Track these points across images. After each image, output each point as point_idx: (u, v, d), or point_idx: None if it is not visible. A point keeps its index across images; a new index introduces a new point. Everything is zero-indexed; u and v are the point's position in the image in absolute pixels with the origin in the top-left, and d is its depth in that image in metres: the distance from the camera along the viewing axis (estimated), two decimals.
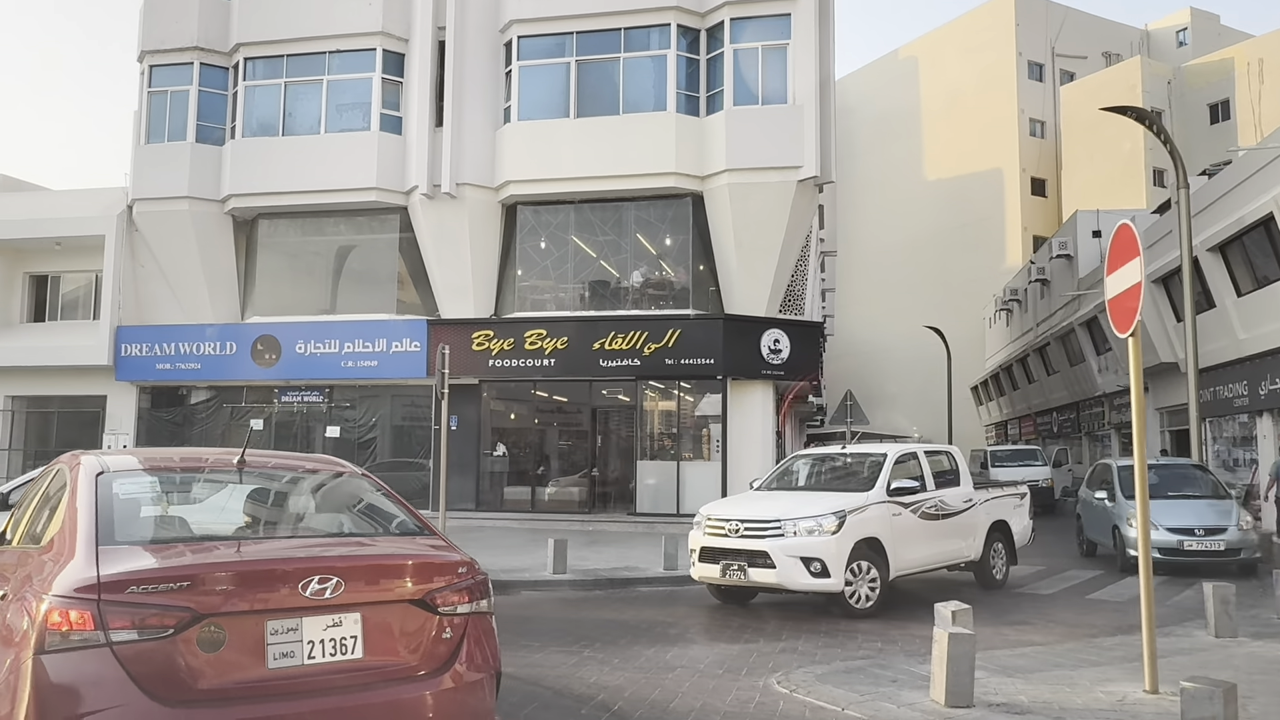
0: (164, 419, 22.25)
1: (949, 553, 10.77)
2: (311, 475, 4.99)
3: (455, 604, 3.95)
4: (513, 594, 11.17)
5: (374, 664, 3.73)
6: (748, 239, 18.72)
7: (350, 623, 3.70)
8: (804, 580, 9.14)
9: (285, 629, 3.57)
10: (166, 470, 4.77)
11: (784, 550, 9.19)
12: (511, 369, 19.49)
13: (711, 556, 9.83)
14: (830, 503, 9.64)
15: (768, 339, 18.89)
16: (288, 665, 3.55)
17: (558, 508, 19.76)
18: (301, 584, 3.60)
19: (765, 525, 9.45)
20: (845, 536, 9.24)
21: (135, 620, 3.32)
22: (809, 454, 12.15)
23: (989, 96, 49.81)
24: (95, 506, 3.86)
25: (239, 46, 21.20)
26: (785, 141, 18.38)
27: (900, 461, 10.57)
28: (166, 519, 4.32)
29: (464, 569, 4.06)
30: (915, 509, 10.17)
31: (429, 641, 3.86)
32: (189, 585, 3.43)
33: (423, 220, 19.96)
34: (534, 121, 19.64)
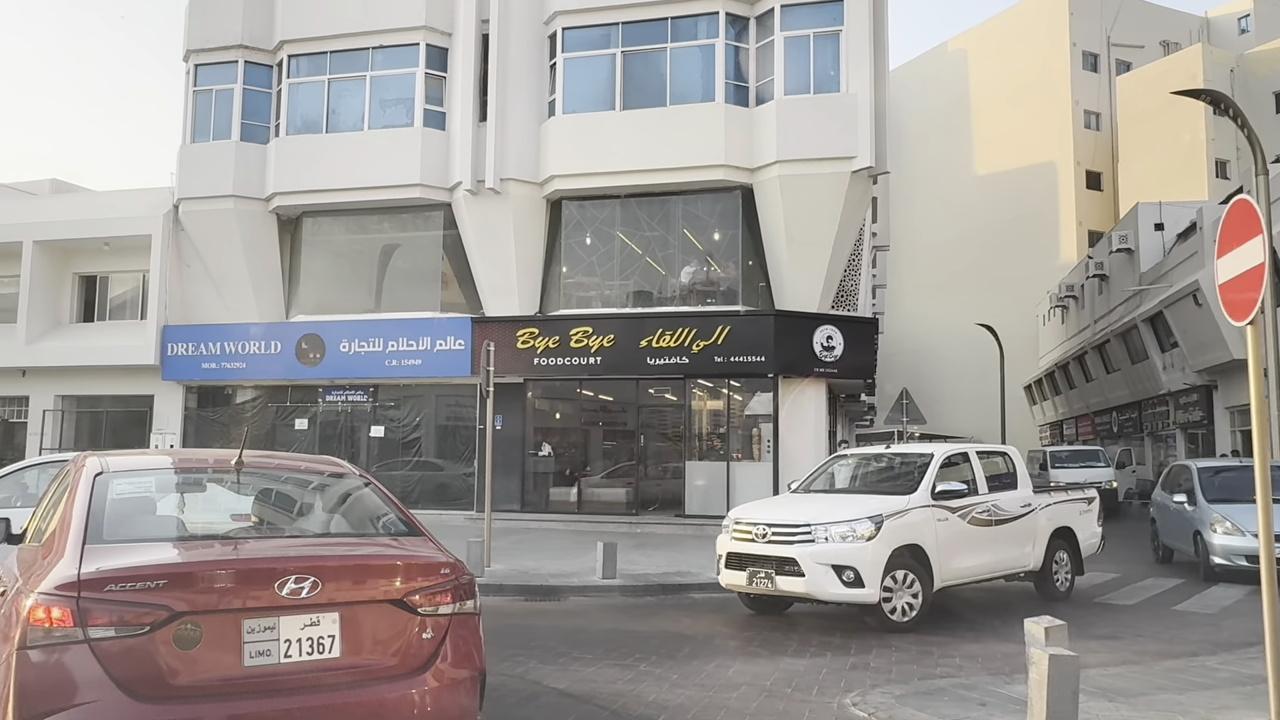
0: (210, 418, 22.20)
1: (1004, 562, 9.92)
2: (307, 476, 5.12)
3: (437, 605, 3.97)
4: (561, 600, 10.75)
5: (352, 663, 3.77)
6: (799, 232, 18.13)
7: (328, 622, 3.74)
8: (835, 590, 8.46)
9: (262, 628, 3.62)
10: (165, 471, 4.87)
11: (814, 557, 8.51)
12: (557, 367, 19.09)
13: (738, 563, 9.18)
14: (866, 506, 8.93)
15: (820, 335, 18.28)
16: (264, 664, 3.60)
17: (604, 509, 19.32)
18: (278, 584, 3.65)
19: (794, 530, 8.76)
20: (882, 543, 8.53)
21: (113, 617, 3.40)
22: (850, 454, 11.44)
23: (1042, 88, 48.55)
24: (89, 506, 3.97)
25: (283, 44, 21.06)
26: (838, 131, 17.75)
27: (948, 463, 9.81)
28: (157, 519, 4.38)
29: (447, 570, 4.08)
30: (964, 514, 9.40)
31: (409, 642, 3.88)
32: (166, 584, 3.49)
33: (466, 216, 19.64)
34: (579, 114, 19.23)
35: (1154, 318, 27.48)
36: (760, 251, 18.92)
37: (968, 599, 10.60)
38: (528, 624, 9.07)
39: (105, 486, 4.17)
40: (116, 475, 4.33)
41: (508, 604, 10.47)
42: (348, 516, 4.80)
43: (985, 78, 52.56)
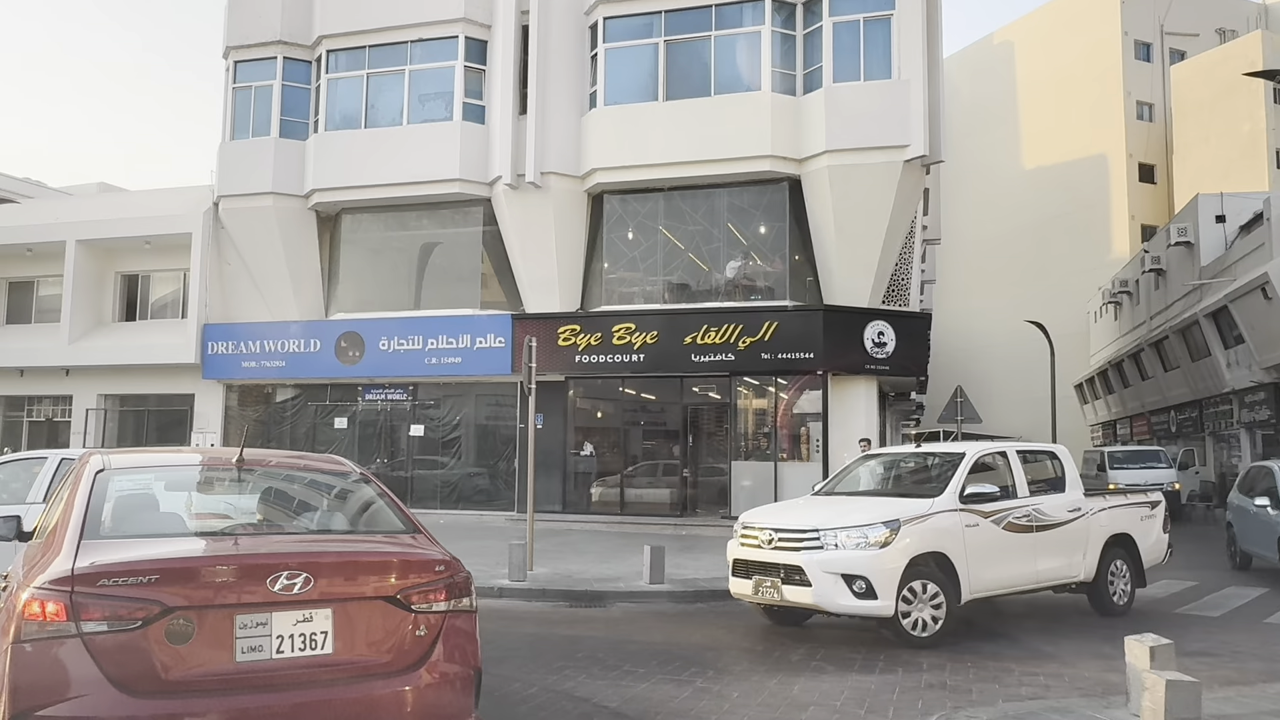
0: (250, 417, 22.07)
1: (1048, 572, 8.99)
2: (307, 474, 5.15)
3: (431, 602, 3.96)
4: (608, 606, 10.27)
5: (344, 659, 3.77)
6: (849, 225, 17.52)
7: (321, 618, 3.74)
8: (845, 601, 7.76)
9: (254, 623, 3.62)
10: (165, 468, 4.91)
11: (821, 565, 7.83)
12: (599, 365, 18.64)
13: (745, 570, 8.57)
14: (882, 510, 8.19)
15: (871, 331, 17.65)
16: (256, 659, 3.61)
17: (647, 510, 18.84)
18: (270, 579, 3.65)
19: (801, 536, 8.08)
20: (898, 550, 7.81)
21: (106, 612, 3.41)
22: (879, 454, 10.65)
23: (1092, 79, 47.23)
24: (87, 502, 4.01)
25: (321, 39, 20.85)
26: (890, 119, 17.12)
27: (982, 464, 9.01)
28: (156, 515, 4.38)
29: (442, 567, 4.04)
30: (999, 519, 8.55)
31: (403, 639, 3.87)
32: (159, 579, 3.50)
33: (506, 211, 19.26)
34: (621, 106, 18.76)
35: (1217, 313, 26.38)
36: (808, 245, 18.33)
37: (1018, 611, 9.95)
38: (573, 633, 8.61)
39: (105, 483, 4.22)
40: (117, 472, 4.38)
41: (552, 610, 10.02)
42: (346, 514, 4.82)
43: (1033, 70, 51.30)
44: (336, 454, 20.20)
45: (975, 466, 8.86)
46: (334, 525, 4.73)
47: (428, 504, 20.34)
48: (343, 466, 5.18)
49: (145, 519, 4.31)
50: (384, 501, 4.72)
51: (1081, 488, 9.76)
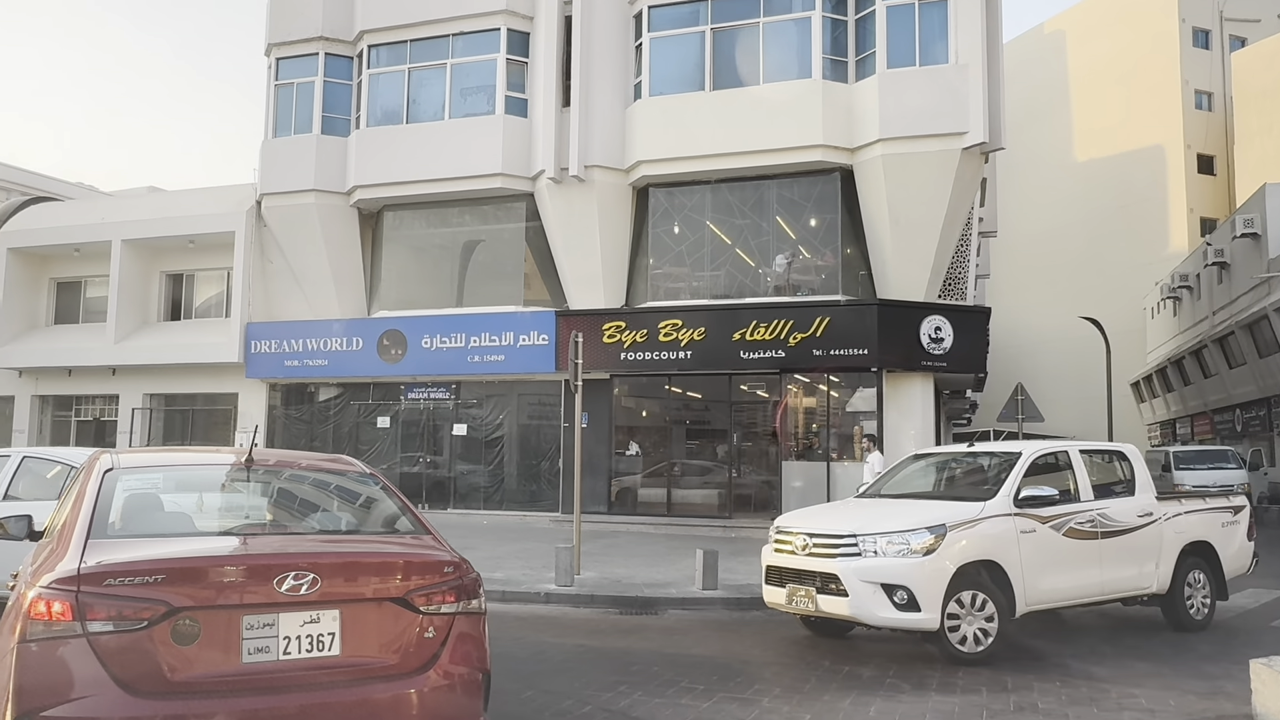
0: (293, 416, 21.93)
1: (1115, 582, 8.24)
2: (315, 474, 5.13)
3: (439, 603, 3.94)
4: (660, 614, 9.79)
5: (352, 661, 3.75)
6: (905, 216, 16.87)
7: (328, 619, 3.72)
8: (885, 614, 7.18)
9: (261, 624, 3.60)
10: (174, 468, 4.88)
11: (858, 574, 7.26)
12: (644, 362, 18.18)
13: (778, 578, 7.99)
14: (927, 514, 7.55)
15: (928, 326, 16.99)
16: (262, 660, 3.58)
17: (695, 511, 18.35)
18: (277, 580, 3.63)
19: (837, 541, 7.49)
20: (943, 558, 7.19)
21: (112, 612, 3.39)
22: (930, 454, 9.94)
23: (1148, 68, 45.83)
24: (95, 502, 3.99)
25: (363, 34, 20.62)
26: (947, 105, 16.46)
27: (1041, 464, 8.29)
28: (164, 515, 4.32)
29: (450, 568, 4.03)
30: (1059, 524, 7.86)
31: (411, 640, 3.86)
32: (165, 579, 3.48)
33: (549, 206, 18.87)
34: (666, 97, 18.29)
35: None
36: (860, 238, 17.73)
37: (1086, 624, 9.29)
38: (625, 644, 8.14)
39: (114, 483, 4.20)
40: (126, 472, 4.36)
41: (600, 618, 9.56)
42: (355, 514, 4.81)
43: (1085, 59, 49.95)
44: (380, 453, 20.04)
45: (1033, 467, 8.18)
46: (342, 525, 4.71)
47: (470, 504, 20.04)
48: (352, 467, 5.14)
49: (153, 518, 4.26)
50: (393, 501, 4.69)
51: (1154, 491, 8.97)
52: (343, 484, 5.05)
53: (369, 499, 4.83)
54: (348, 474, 5.08)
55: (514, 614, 9.60)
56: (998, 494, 7.79)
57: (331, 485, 5.08)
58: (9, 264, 23.82)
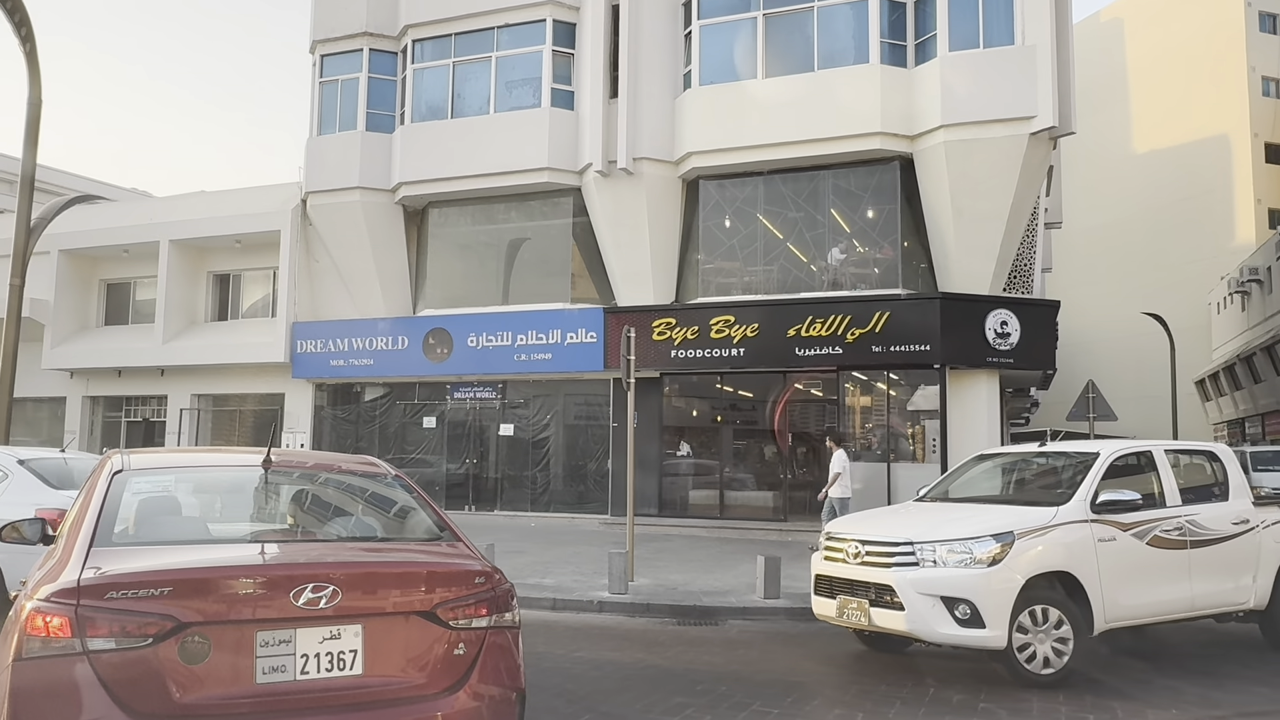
0: (339, 417, 21.72)
1: (1207, 596, 7.50)
2: (339, 476, 4.78)
3: (470, 617, 3.65)
4: (720, 624, 9.22)
5: (375, 681, 3.46)
6: (968, 205, 16.12)
7: (349, 635, 3.44)
8: (945, 630, 6.57)
9: (277, 640, 3.32)
10: (188, 469, 4.57)
11: (915, 585, 6.66)
12: (695, 360, 17.61)
13: (828, 588, 7.43)
14: (993, 520, 6.91)
15: (993, 321, 16.22)
16: (278, 680, 3.31)
17: (748, 514, 17.75)
18: (294, 592, 3.34)
19: (892, 549, 6.91)
20: (1011, 569, 6.56)
21: (114, 628, 3.13)
22: (995, 453, 9.18)
23: (1212, 55, 44.20)
24: (101, 506, 3.73)
25: (407, 29, 20.33)
26: (1014, 89, 15.68)
27: (1121, 465, 7.59)
28: (174, 520, 4.03)
29: (481, 579, 3.74)
30: (1142, 532, 7.17)
31: (439, 658, 3.57)
32: (172, 591, 3.21)
33: (597, 200, 18.39)
34: (717, 85, 17.71)
35: None
36: (921, 229, 17.00)
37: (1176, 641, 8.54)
38: (688, 659, 7.58)
39: (122, 485, 3.92)
40: (136, 473, 4.06)
41: (659, 628, 9.02)
42: (379, 520, 4.47)
43: (1144, 47, 48.37)
44: (426, 454, 19.68)
45: (1111, 469, 7.46)
46: (365, 532, 4.35)
47: (518, 507, 19.63)
48: (376, 468, 4.77)
49: (163, 524, 3.95)
50: (419, 505, 4.38)
51: (1250, 495, 8.16)
52: (367, 487, 4.70)
53: (395, 503, 4.51)
54: (373, 476, 4.71)
55: (566, 624, 9.10)
56: (1073, 498, 7.11)
57: (355, 489, 4.73)
58: (60, 265, 23.95)
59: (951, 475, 8.95)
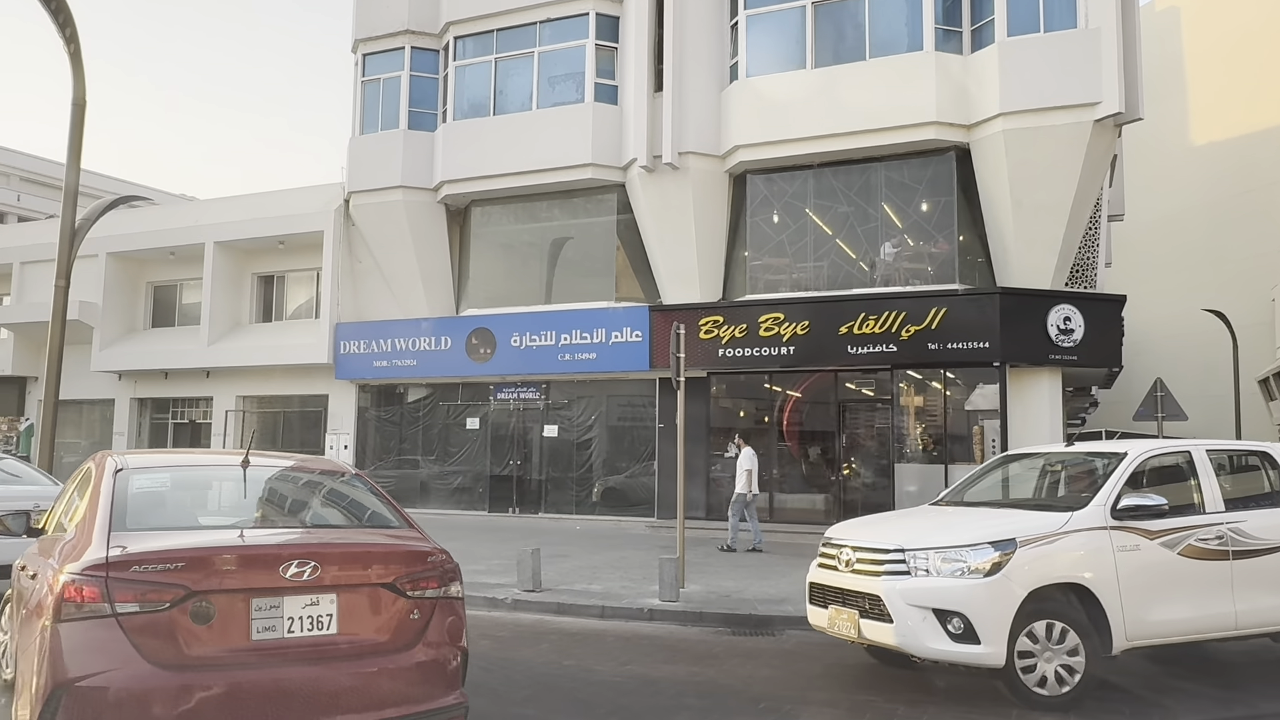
0: (383, 418, 21.57)
1: (1254, 614, 6.71)
2: (307, 474, 5.62)
3: (423, 589, 4.38)
4: (777, 635, 8.77)
5: (347, 639, 4.17)
6: (1029, 196, 15.49)
7: (326, 602, 4.14)
8: (936, 644, 6.07)
9: (268, 606, 4.02)
10: (178, 468, 5.25)
11: (905, 596, 6.19)
12: (743, 359, 17.15)
13: (821, 597, 6.97)
14: (995, 526, 6.40)
15: (1055, 317, 15.56)
16: (269, 638, 4.00)
17: (798, 517, 17.24)
18: (282, 567, 4.05)
19: (881, 556, 6.43)
20: (1011, 579, 6.04)
21: (137, 595, 3.80)
22: (1022, 454, 8.54)
23: (1272, 44, 42.71)
24: (112, 498, 4.33)
25: (449, 26, 20.12)
26: (1077, 74, 15.02)
27: (1152, 467, 6.96)
28: (173, 510, 4.72)
29: (431, 558, 4.47)
30: (1173, 541, 6.50)
31: (398, 621, 4.29)
32: (184, 566, 3.89)
33: (642, 196, 18.00)
34: (765, 77, 17.23)
35: None
36: (978, 221, 16.39)
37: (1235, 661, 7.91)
38: (746, 673, 7.15)
39: (125, 482, 4.54)
40: (135, 472, 4.69)
41: (712, 639, 8.59)
42: (344, 510, 5.16)
43: (1202, 36, 46.92)
44: (469, 456, 19.39)
45: (1141, 472, 6.83)
46: (334, 520, 5.11)
47: (562, 509, 19.30)
48: (338, 468, 5.62)
49: (164, 513, 4.66)
50: (378, 499, 5.11)
51: None
52: (330, 483, 5.46)
53: (357, 497, 5.21)
54: (335, 474, 5.53)
55: (615, 633, 8.71)
56: (1091, 503, 6.52)
57: (320, 484, 5.48)
58: (109, 268, 24.11)
59: (973, 477, 8.33)
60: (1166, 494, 6.67)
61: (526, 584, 10.38)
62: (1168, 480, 7.04)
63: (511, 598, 10.06)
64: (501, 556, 13.17)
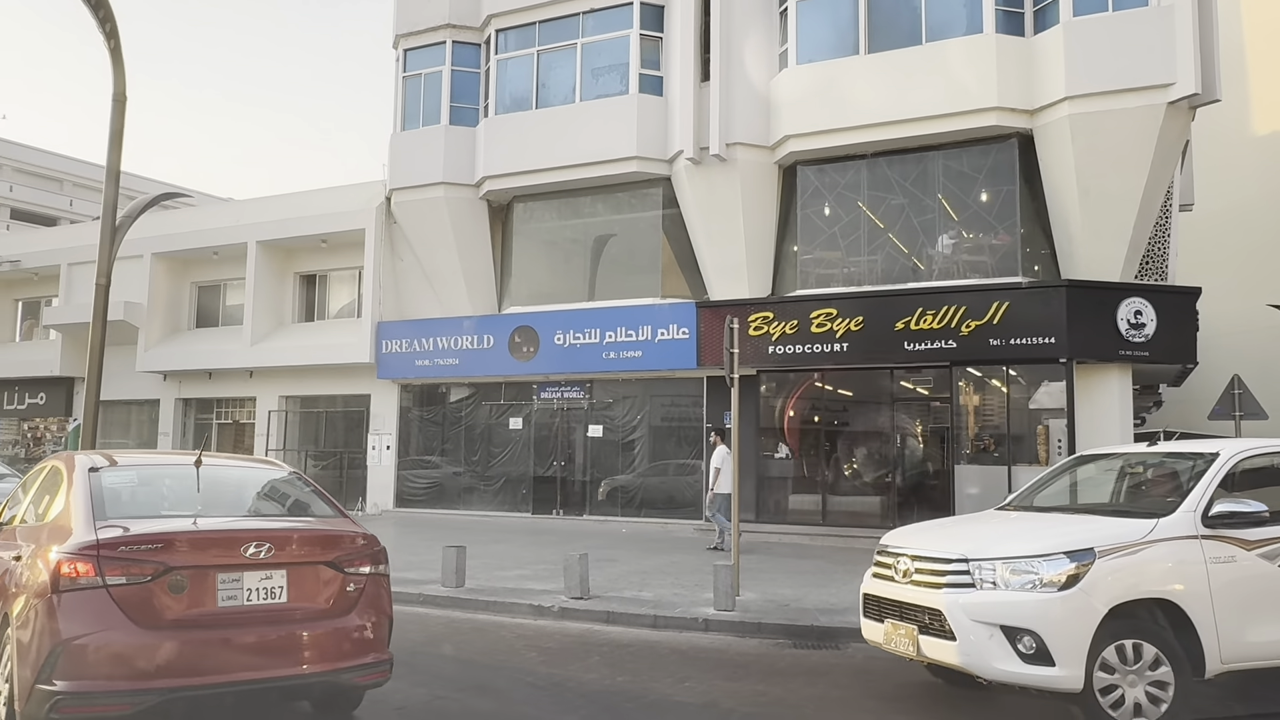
0: (425, 418, 21.29)
1: None
2: (254, 472, 6.52)
3: (358, 566, 5.28)
4: (842, 648, 8.21)
5: (295, 606, 5.01)
6: (1097, 184, 14.73)
7: (278, 576, 4.98)
8: (1004, 666, 5.49)
9: (230, 579, 4.84)
10: (142, 466, 6.00)
11: (969, 611, 5.62)
12: (794, 356, 16.57)
13: (876, 610, 6.42)
14: (1070, 534, 5.79)
15: (1126, 311, 14.79)
16: (232, 605, 4.83)
17: (853, 520, 16.61)
18: (243, 548, 4.90)
19: (943, 566, 5.87)
20: (1089, 594, 5.44)
21: (123, 570, 4.61)
22: (1097, 454, 7.85)
23: None
24: (90, 492, 5.15)
25: (490, 19, 19.77)
26: (1148, 54, 14.24)
27: (1248, 469, 6.21)
28: (144, 501, 5.47)
29: (364, 542, 5.39)
30: (1274, 553, 5.85)
31: (337, 592, 5.16)
32: (162, 547, 4.73)
33: (688, 190, 17.49)
34: (816, 64, 16.63)
35: None
36: (1042, 211, 15.65)
37: None
38: (817, 693, 6.62)
39: (100, 478, 5.31)
40: (106, 470, 5.47)
41: (774, 652, 8.06)
42: (288, 501, 5.90)
43: (1264, 22, 45.21)
44: (512, 457, 19.00)
45: (1233, 474, 6.14)
46: (281, 510, 5.85)
47: (608, 511, 18.84)
48: (280, 467, 6.60)
49: (135, 504, 5.36)
50: (315, 493, 5.98)
51: None
52: (273, 478, 6.29)
53: (297, 490, 6.05)
54: (277, 471, 6.45)
55: (670, 645, 8.22)
56: (1179, 509, 5.88)
57: (268, 480, 6.28)
58: (153, 269, 24.11)
59: (1044, 480, 7.68)
60: (1265, 499, 5.96)
61: (574, 591, 9.93)
62: (1265, 484, 6.37)
63: (558, 605, 9.61)
64: (546, 561, 12.74)
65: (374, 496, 21.30)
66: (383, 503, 21.16)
